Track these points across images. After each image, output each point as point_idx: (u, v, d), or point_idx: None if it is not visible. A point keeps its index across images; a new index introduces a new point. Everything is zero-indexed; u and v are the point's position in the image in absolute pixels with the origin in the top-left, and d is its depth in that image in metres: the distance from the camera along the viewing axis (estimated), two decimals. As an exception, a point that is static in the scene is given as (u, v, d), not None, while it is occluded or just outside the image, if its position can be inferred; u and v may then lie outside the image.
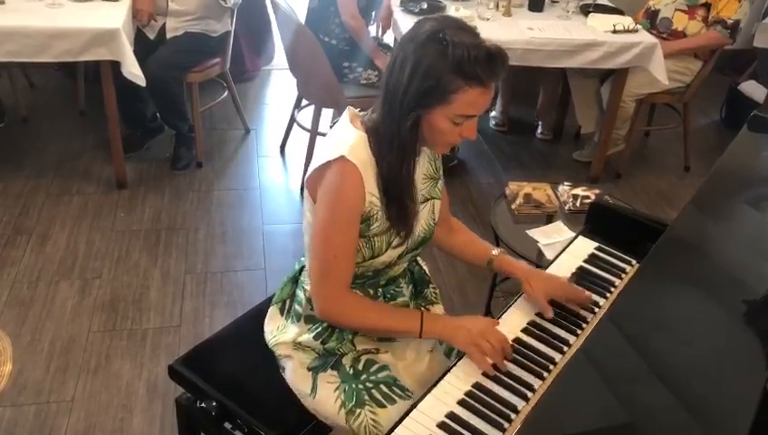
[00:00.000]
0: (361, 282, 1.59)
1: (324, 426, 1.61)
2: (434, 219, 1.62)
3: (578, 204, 2.28)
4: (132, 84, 2.99)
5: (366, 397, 1.52)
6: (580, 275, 1.72)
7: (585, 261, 1.78)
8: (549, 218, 2.29)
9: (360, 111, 1.53)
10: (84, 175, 3.42)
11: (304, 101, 3.63)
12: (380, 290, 1.64)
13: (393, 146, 1.42)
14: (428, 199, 1.60)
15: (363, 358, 1.60)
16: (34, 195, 3.24)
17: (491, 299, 2.37)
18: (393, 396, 1.53)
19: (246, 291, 2.77)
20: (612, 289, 1.68)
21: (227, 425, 1.63)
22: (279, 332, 1.68)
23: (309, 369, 1.60)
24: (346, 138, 1.45)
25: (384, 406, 1.52)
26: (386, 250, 1.52)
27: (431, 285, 1.81)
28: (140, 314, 2.61)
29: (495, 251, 1.72)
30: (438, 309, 1.79)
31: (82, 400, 2.26)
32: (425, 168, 1.59)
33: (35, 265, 2.82)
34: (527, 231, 2.16)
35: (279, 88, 4.49)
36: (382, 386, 1.55)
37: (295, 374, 1.62)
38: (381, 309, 1.58)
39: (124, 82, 3.00)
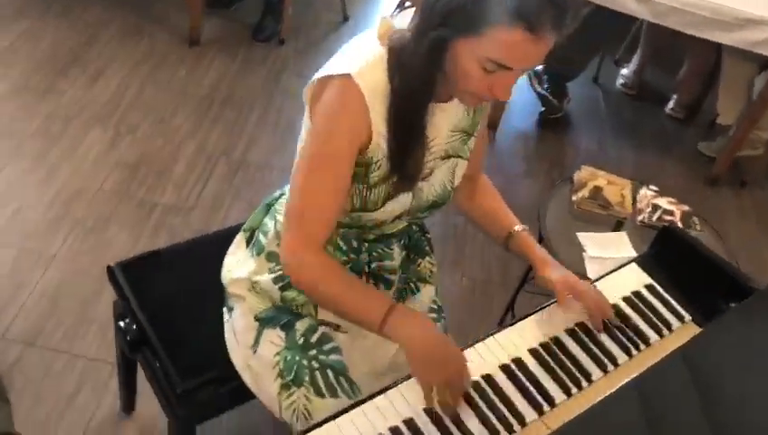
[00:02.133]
0: (345, 230, 1.31)
1: (243, 392, 1.35)
2: (452, 182, 1.31)
3: (654, 218, 1.79)
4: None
5: (306, 377, 1.29)
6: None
7: (625, 299, 1.38)
8: (617, 225, 1.84)
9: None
10: (161, 20, 3.20)
11: (408, 2, 3.21)
12: (366, 245, 1.34)
13: (407, 70, 1.11)
14: (450, 157, 1.28)
15: (320, 330, 1.34)
16: (105, 26, 3.08)
17: (517, 294, 1.98)
18: (337, 388, 1.29)
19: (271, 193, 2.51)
20: (642, 347, 1.30)
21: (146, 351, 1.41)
22: (236, 265, 1.42)
23: (257, 319, 1.35)
24: (362, 53, 1.14)
25: (323, 396, 1.28)
26: (381, 206, 1.23)
27: (428, 258, 1.49)
28: (158, 185, 2.43)
29: (518, 227, 1.39)
30: (429, 291, 1.47)
31: (65, 258, 2.12)
32: (456, 116, 1.25)
33: (77, 102, 2.68)
34: (578, 233, 1.73)
35: (401, -22, 4.05)
36: (329, 372, 1.30)
37: (242, 319, 1.37)
38: (352, 282, 1.26)
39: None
